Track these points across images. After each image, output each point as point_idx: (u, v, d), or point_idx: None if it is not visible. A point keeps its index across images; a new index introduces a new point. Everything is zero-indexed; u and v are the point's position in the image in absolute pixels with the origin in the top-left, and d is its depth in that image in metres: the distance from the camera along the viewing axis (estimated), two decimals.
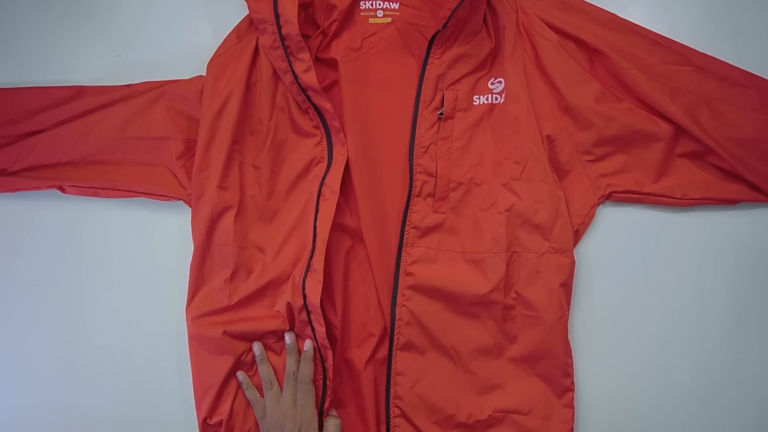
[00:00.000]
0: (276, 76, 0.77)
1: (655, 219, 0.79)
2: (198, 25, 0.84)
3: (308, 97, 0.75)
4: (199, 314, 0.76)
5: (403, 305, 0.75)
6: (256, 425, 0.75)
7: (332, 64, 0.80)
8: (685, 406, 0.78)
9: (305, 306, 0.73)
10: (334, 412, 0.76)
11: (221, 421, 0.74)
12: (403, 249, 0.75)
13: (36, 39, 0.86)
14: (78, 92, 0.81)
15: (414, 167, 0.75)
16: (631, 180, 0.77)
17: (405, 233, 0.75)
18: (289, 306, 0.74)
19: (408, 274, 0.75)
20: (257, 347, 0.75)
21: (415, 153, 0.75)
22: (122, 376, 0.81)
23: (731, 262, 0.79)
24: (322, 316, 0.72)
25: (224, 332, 0.74)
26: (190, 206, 0.78)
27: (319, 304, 0.72)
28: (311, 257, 0.73)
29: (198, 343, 0.75)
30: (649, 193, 0.77)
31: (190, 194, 0.78)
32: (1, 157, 0.80)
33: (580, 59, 0.78)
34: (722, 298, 0.78)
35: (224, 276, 0.76)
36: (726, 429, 0.78)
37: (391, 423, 0.75)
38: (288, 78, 0.75)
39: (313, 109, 0.76)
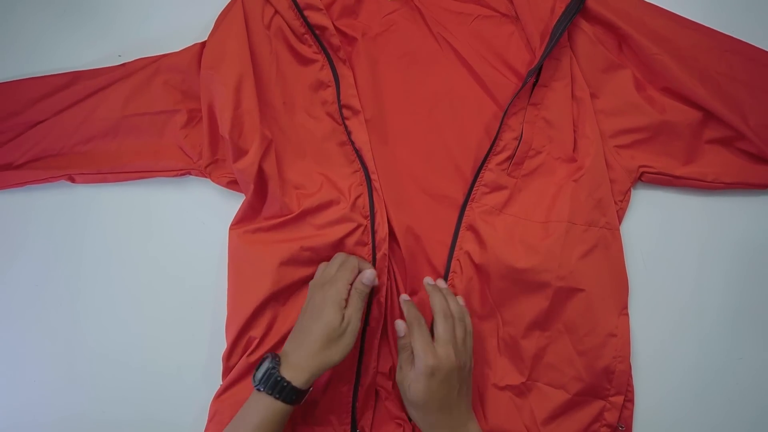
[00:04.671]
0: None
1: (655, 218, 0.78)
2: (198, 25, 0.82)
3: (305, 18, 0.74)
4: (253, 228, 0.75)
5: (458, 259, 0.74)
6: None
7: (352, 42, 0.79)
8: (683, 406, 0.76)
9: (372, 225, 0.73)
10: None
11: (252, 339, 0.73)
12: (468, 203, 0.74)
13: (36, 39, 0.86)
14: (74, 78, 0.80)
15: (502, 126, 0.74)
16: (661, 164, 0.75)
17: (474, 188, 0.74)
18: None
19: (469, 227, 0.74)
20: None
21: (507, 113, 0.74)
22: (122, 376, 0.80)
23: (731, 260, 0.77)
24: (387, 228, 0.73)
25: (300, 247, 0.73)
26: (200, 176, 0.79)
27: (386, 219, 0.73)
28: (369, 178, 0.74)
29: (242, 258, 0.75)
30: (680, 177, 0.75)
31: (198, 163, 0.78)
32: (6, 152, 0.80)
33: (609, 45, 0.77)
34: (722, 297, 0.77)
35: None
36: (724, 428, 0.75)
37: None
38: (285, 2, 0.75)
39: (311, 33, 0.75)
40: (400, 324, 0.68)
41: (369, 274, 0.68)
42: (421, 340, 0.64)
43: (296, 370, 0.63)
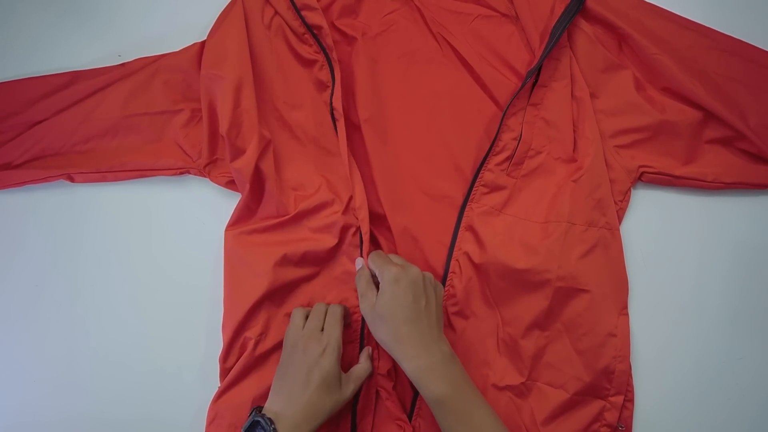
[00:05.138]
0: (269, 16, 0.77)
1: (655, 219, 0.78)
2: (198, 25, 0.82)
3: (303, 19, 0.75)
4: (248, 230, 0.75)
5: (457, 259, 0.73)
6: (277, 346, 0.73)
7: (351, 41, 0.79)
8: (683, 406, 0.75)
9: (360, 228, 0.72)
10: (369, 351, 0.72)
11: (247, 339, 0.73)
12: (468, 203, 0.74)
13: (36, 39, 0.86)
14: (74, 78, 0.80)
15: (502, 127, 0.74)
16: (661, 164, 0.75)
17: (473, 189, 0.74)
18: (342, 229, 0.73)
19: (468, 228, 0.74)
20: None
21: (507, 113, 0.74)
22: (122, 375, 0.79)
23: (731, 260, 0.77)
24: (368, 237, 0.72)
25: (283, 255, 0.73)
26: (199, 175, 0.79)
27: (368, 230, 0.72)
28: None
29: (237, 260, 0.75)
30: (680, 176, 0.75)
31: (198, 162, 0.78)
32: (5, 151, 0.80)
33: (609, 45, 0.77)
34: (722, 297, 0.77)
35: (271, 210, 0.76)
36: (724, 428, 0.75)
37: None
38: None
39: (310, 33, 0.76)
40: (359, 260, 0.71)
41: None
42: (382, 257, 0.68)
43: (294, 430, 0.62)
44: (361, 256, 0.72)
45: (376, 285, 0.68)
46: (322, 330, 0.68)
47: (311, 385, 0.64)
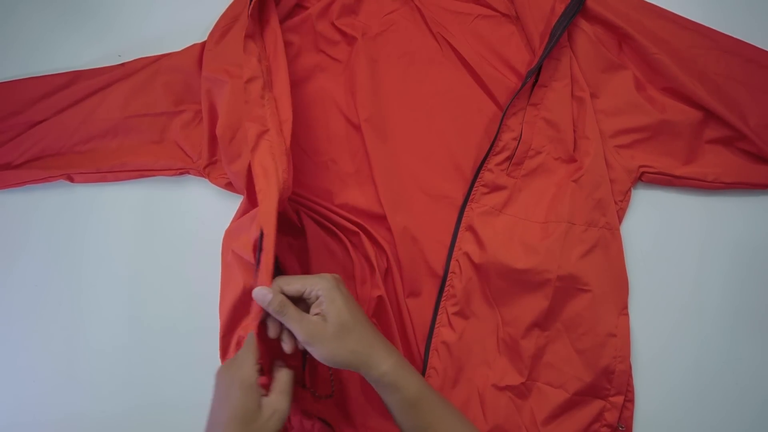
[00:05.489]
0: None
1: (655, 219, 0.78)
2: (199, 25, 0.82)
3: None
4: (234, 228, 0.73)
5: (457, 259, 0.74)
6: None
7: (351, 41, 0.79)
8: (683, 406, 0.76)
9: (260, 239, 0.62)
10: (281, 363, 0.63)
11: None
12: (468, 204, 0.74)
13: (36, 39, 0.86)
14: (74, 77, 0.81)
15: (502, 127, 0.74)
16: (661, 163, 0.75)
17: (473, 189, 0.74)
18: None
19: (468, 228, 0.74)
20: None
21: (507, 113, 0.74)
22: (122, 375, 0.80)
23: (731, 260, 0.77)
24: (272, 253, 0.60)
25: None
26: (199, 176, 0.79)
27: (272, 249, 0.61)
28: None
29: (225, 258, 0.73)
30: (680, 176, 0.75)
31: (198, 163, 0.78)
32: (5, 151, 0.80)
33: (609, 45, 0.77)
34: (722, 297, 0.77)
35: None
36: (724, 428, 0.75)
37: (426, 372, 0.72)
38: None
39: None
40: (261, 290, 0.59)
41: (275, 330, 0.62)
42: (303, 278, 0.61)
43: None
44: (256, 277, 0.62)
45: None
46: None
47: (221, 422, 0.58)
